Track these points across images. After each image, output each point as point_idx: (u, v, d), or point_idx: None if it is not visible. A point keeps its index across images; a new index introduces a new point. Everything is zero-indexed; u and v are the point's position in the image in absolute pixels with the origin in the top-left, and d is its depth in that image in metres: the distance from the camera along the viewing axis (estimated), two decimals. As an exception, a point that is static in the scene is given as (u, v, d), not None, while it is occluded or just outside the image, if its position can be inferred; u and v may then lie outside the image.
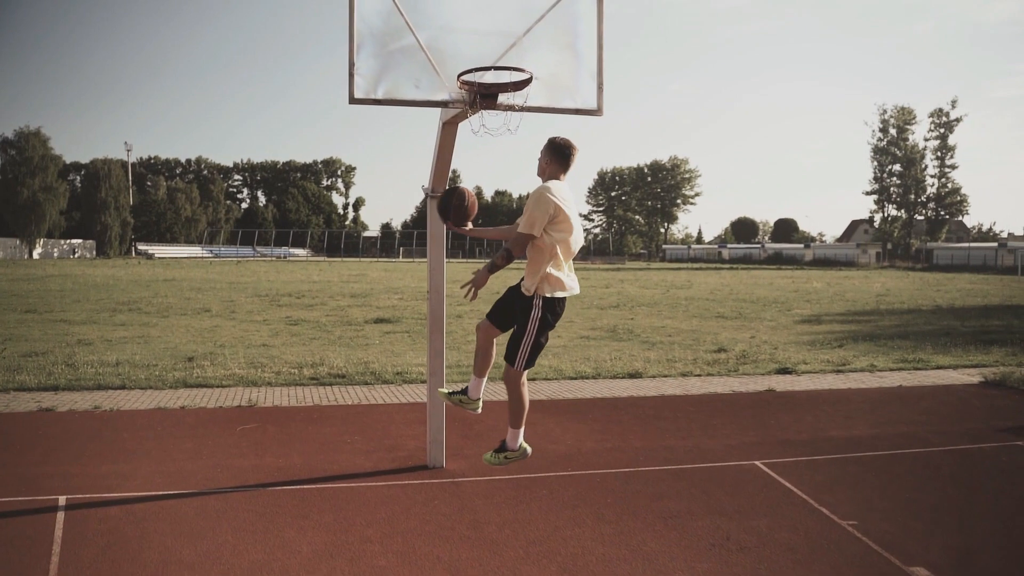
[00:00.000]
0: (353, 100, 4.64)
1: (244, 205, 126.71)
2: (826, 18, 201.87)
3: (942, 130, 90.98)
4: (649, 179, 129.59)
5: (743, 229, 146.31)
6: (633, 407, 9.20)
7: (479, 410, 5.58)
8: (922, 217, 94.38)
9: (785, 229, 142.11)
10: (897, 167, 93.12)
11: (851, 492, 6.08)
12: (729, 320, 20.68)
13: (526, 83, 4.60)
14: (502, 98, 4.71)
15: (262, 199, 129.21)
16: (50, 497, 5.49)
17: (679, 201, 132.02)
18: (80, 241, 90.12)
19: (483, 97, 4.62)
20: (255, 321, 18.51)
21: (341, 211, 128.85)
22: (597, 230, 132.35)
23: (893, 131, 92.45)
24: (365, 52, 4.66)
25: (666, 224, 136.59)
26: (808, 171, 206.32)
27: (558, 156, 4.82)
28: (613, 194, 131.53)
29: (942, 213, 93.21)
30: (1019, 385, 10.95)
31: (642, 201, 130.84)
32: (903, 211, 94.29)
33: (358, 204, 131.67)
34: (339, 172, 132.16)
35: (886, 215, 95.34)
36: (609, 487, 6.07)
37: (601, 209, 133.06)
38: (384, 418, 8.31)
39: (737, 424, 8.37)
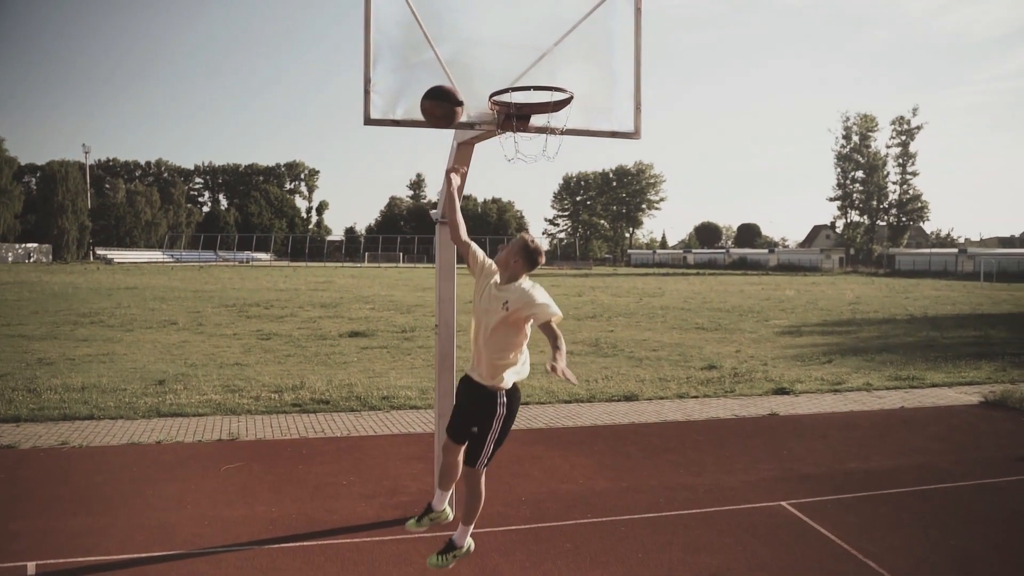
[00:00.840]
0: (369, 121, 4.12)
1: (206, 209, 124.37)
2: (786, 26, 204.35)
3: (903, 137, 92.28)
4: (614, 184, 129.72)
5: (707, 234, 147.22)
6: (637, 436, 8.77)
7: (451, 517, 5.03)
8: (884, 223, 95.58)
9: (748, 234, 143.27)
10: (860, 173, 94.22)
11: (890, 537, 5.69)
12: (710, 332, 20.40)
13: (565, 103, 4.12)
14: (534, 119, 4.23)
15: (224, 202, 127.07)
16: (17, 564, 4.88)
17: (644, 206, 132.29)
18: (36, 245, 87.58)
19: (516, 119, 4.13)
20: (225, 335, 17.79)
21: (304, 215, 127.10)
22: (562, 235, 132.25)
23: (856, 138, 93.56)
24: (382, 67, 4.14)
25: (631, 229, 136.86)
26: (770, 176, 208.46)
27: (528, 260, 4.48)
28: (579, 199, 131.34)
29: (904, 219, 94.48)
30: (1020, 406, 10.77)
31: (607, 206, 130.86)
32: (866, 217, 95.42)
33: (322, 208, 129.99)
34: (302, 175, 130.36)
35: (849, 221, 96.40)
36: (637, 538, 5.60)
37: (566, 214, 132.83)
38: (378, 453, 7.76)
39: (750, 456, 7.98)
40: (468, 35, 4.31)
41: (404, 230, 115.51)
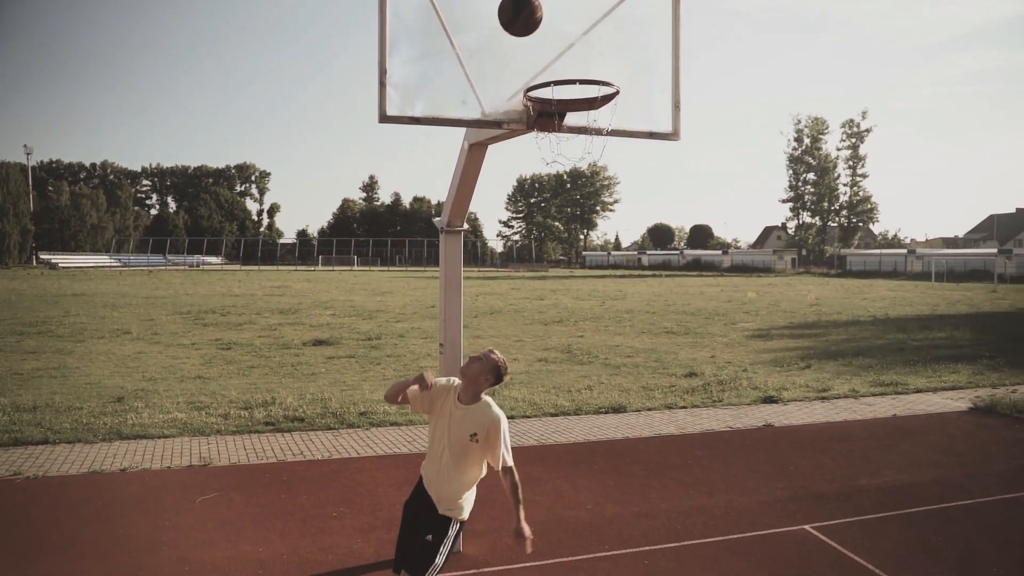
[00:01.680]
0: (385, 118, 3.60)
1: (154, 211, 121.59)
2: (736, 29, 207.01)
3: (853, 140, 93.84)
4: (568, 186, 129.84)
5: (660, 235, 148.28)
6: (635, 452, 8.35)
7: None
8: (835, 224, 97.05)
9: (701, 235, 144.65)
10: (811, 175, 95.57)
11: (928, 564, 5.34)
12: (680, 336, 20.14)
13: (609, 99, 3.65)
14: (570, 118, 3.76)
15: (173, 205, 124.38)
16: (-26, 627, 4.27)
17: (598, 208, 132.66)
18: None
19: (548, 116, 3.66)
20: (182, 345, 16.98)
21: (256, 218, 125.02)
22: (516, 237, 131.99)
23: (807, 140, 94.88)
24: (399, 57, 3.63)
25: (585, 231, 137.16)
26: (721, 178, 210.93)
27: (496, 380, 4.33)
28: (533, 201, 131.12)
29: (854, 220, 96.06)
30: (1011, 412, 10.67)
31: (562, 208, 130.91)
32: (817, 218, 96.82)
33: (273, 210, 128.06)
34: (253, 177, 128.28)
35: (801, 222, 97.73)
36: (663, 573, 5.15)
37: (520, 216, 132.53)
38: (365, 478, 7.20)
39: (758, 472, 7.60)
40: (494, 22, 3.81)
41: (357, 233, 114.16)
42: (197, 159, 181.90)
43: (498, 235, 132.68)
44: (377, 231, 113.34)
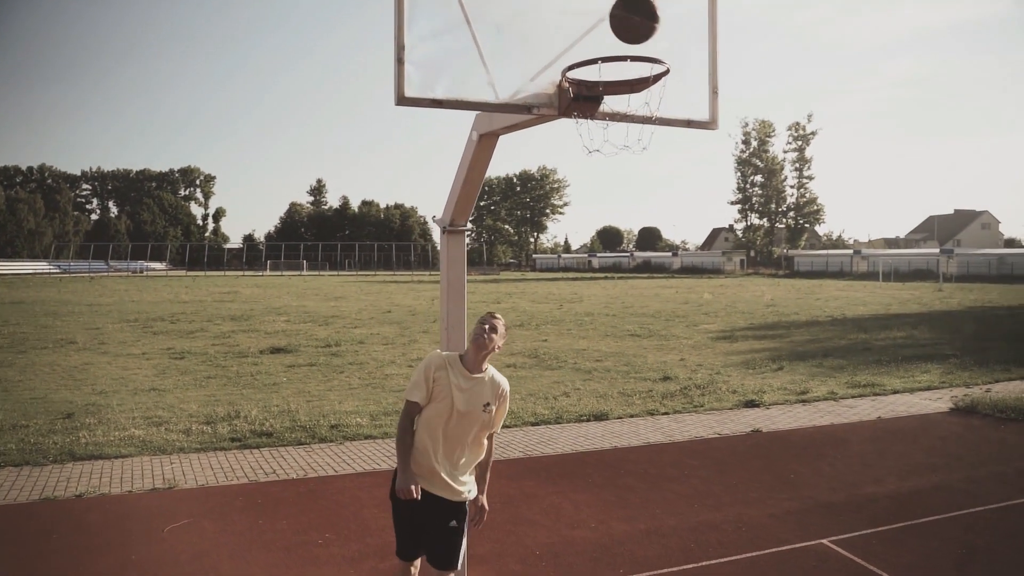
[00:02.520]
0: (403, 100, 3.13)
1: (94, 216, 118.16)
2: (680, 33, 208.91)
3: (799, 143, 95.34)
4: (518, 189, 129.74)
5: (609, 238, 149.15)
6: (628, 463, 7.97)
7: None
8: (783, 225, 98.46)
9: (650, 237, 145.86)
10: (759, 178, 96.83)
11: (959, 582, 5.05)
12: (645, 339, 19.92)
13: (656, 79, 3.23)
14: (608, 102, 3.34)
15: (114, 210, 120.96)
16: None
17: (548, 211, 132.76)
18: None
19: (586, 100, 3.24)
20: (132, 355, 16.16)
21: (200, 222, 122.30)
22: (467, 240, 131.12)
23: (755, 143, 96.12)
24: (418, 31, 3.17)
25: (536, 233, 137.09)
26: (669, 180, 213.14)
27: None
28: (482, 204, 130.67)
29: (801, 221, 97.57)
30: (992, 412, 10.59)
31: (512, 211, 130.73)
32: (765, 220, 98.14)
33: (219, 215, 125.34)
34: (198, 181, 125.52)
35: (749, 223, 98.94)
36: (688, 600, 4.77)
37: (471, 219, 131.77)
38: (347, 499, 6.69)
39: (758, 482, 7.29)
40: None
41: (306, 237, 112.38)
42: (139, 162, 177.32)
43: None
44: (326, 235, 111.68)
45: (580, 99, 3.29)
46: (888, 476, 7.53)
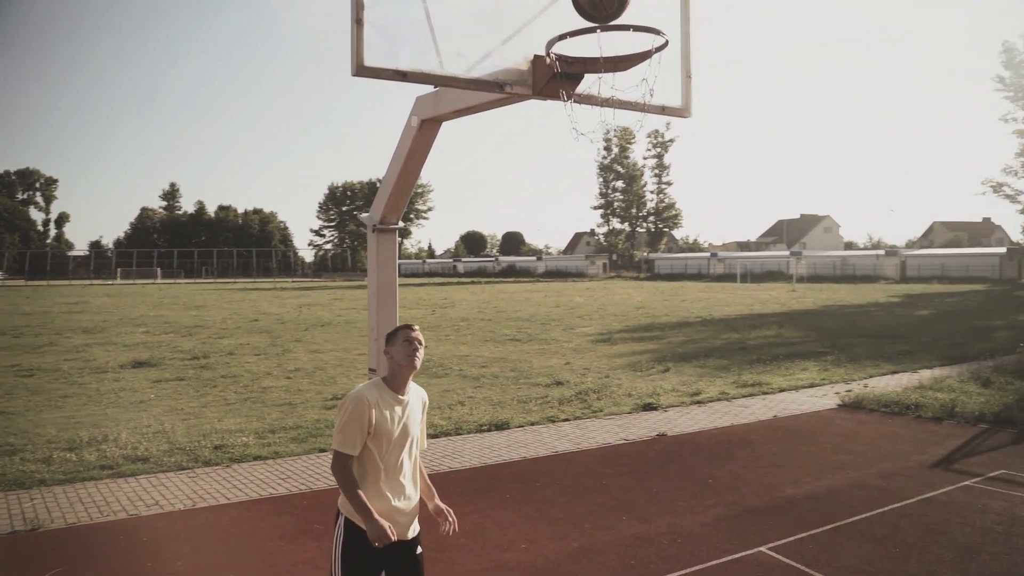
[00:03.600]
0: (362, 69, 2.64)
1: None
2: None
3: (659, 149, 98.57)
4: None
5: (473, 242, 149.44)
6: (542, 475, 7.63)
7: None
8: (643, 230, 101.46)
9: (513, 242, 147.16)
10: (620, 183, 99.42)
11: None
12: (525, 344, 19.76)
13: (647, 55, 2.87)
14: (588, 80, 2.96)
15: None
16: None
17: (412, 216, 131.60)
18: None
19: (568, 78, 2.84)
20: (-31, 374, 14.51)
21: (41, 228, 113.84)
22: (329, 246, 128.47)
23: (616, 149, 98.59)
24: (378, -8, 2.68)
25: (400, 239, 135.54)
26: (531, 185, 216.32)
27: None
28: (345, 209, 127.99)
29: (660, 226, 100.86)
30: (878, 407, 10.97)
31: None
32: (626, 224, 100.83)
33: (62, 220, 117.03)
34: (38, 184, 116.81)
35: (611, 228, 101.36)
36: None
37: (333, 224, 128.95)
38: (248, 532, 5.99)
39: (678, 489, 7.10)
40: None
41: (159, 243, 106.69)
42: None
43: (310, 244, 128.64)
44: (180, 241, 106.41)
45: (562, 76, 2.89)
46: (803, 476, 7.52)
